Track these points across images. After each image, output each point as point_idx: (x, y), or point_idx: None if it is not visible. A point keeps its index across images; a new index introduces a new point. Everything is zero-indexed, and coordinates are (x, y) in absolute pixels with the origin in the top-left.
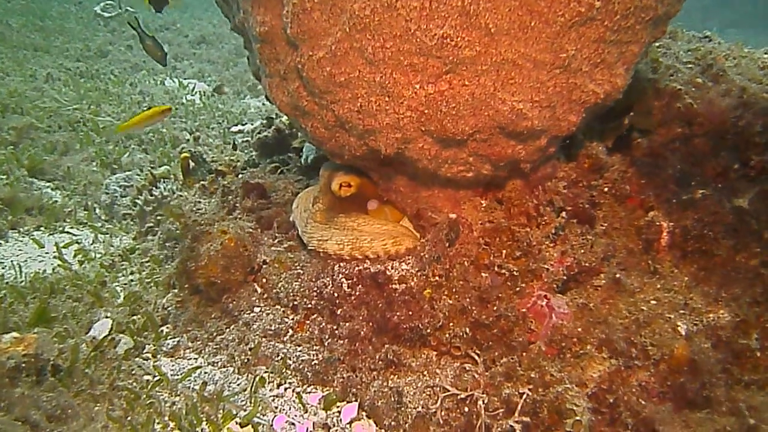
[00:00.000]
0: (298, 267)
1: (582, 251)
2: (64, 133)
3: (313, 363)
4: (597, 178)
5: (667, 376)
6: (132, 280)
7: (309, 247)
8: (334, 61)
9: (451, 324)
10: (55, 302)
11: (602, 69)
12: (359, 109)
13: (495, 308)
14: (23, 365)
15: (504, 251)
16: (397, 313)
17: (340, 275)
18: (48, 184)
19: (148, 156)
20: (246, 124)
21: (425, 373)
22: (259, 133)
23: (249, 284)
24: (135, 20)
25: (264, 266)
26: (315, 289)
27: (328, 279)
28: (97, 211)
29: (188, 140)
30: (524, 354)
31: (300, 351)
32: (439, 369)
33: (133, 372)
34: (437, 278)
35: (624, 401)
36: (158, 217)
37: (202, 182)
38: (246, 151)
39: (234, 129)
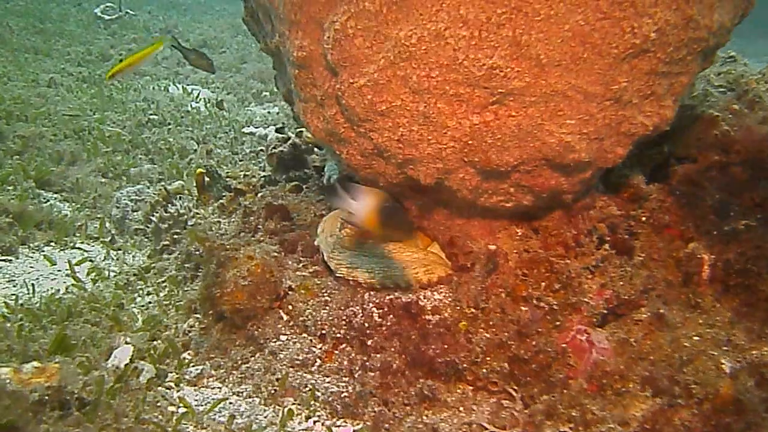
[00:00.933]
0: (325, 294)
1: (621, 283)
2: (70, 141)
3: (342, 395)
4: (636, 208)
5: (711, 416)
6: (150, 302)
7: (337, 275)
8: (376, 89)
9: (488, 358)
10: (73, 326)
11: (652, 101)
12: (400, 138)
13: (534, 343)
14: (46, 398)
15: (543, 283)
16: (432, 346)
17: (371, 304)
18: (56, 195)
19: (156, 167)
20: (258, 127)
21: (461, 408)
22: (274, 147)
23: (274, 311)
24: (174, 39)
25: (290, 293)
26: (344, 317)
27: (357, 308)
28: (108, 225)
29: (195, 150)
30: (564, 391)
31: (329, 382)
32: (476, 405)
33: (158, 403)
34: (473, 310)
35: None
36: (174, 236)
37: (220, 201)
38: (255, 162)
39: (245, 130)
